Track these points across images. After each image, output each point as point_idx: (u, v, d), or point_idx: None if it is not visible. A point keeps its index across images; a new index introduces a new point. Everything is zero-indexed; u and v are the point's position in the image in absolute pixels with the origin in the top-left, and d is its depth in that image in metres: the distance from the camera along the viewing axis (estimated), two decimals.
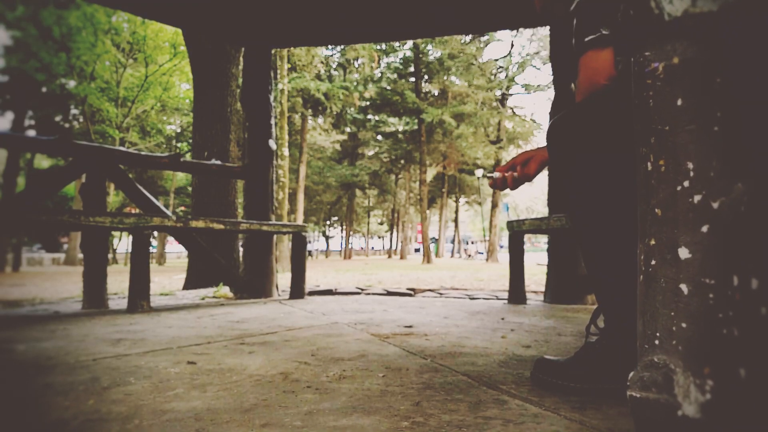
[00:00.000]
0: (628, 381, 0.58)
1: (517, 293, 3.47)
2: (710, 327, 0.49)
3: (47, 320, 2.58)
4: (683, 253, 0.52)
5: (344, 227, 42.59)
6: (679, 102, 0.53)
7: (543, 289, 4.69)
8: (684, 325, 0.51)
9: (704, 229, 0.50)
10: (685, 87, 0.53)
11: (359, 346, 1.83)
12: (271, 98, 4.38)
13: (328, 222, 46.85)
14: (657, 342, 0.53)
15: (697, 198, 0.51)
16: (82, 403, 1.11)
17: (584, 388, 1.16)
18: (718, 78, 0.51)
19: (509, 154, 28.16)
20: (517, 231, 3.41)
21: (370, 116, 28.82)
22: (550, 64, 3.66)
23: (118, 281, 8.56)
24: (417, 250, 50.87)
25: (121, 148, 3.56)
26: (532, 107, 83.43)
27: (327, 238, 50.92)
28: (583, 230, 1.21)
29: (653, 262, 0.54)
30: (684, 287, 0.52)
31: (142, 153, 3.72)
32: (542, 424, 0.98)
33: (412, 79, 26.72)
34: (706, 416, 0.49)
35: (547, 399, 1.14)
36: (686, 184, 0.52)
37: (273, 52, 4.71)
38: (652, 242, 0.55)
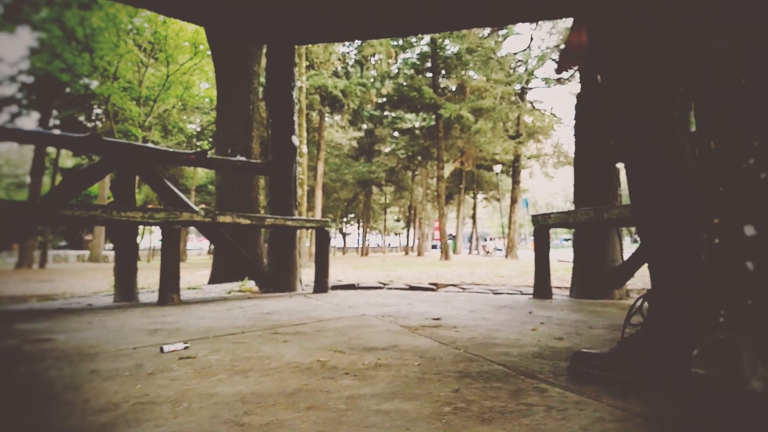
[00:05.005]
0: (692, 359, 0.59)
1: (542, 288, 3.45)
2: None
3: (82, 312, 2.65)
4: (749, 230, 0.52)
5: (361, 224, 42.68)
6: (744, 79, 0.53)
7: (566, 285, 4.66)
8: (750, 302, 0.51)
9: None
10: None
11: (390, 336, 1.85)
12: (294, 95, 4.41)
13: (344, 219, 47.00)
14: (722, 320, 0.54)
15: (763, 175, 0.51)
16: (130, 388, 1.15)
17: (629, 380, 1.16)
18: None
19: (528, 149, 27.88)
20: (543, 225, 3.39)
21: (386, 113, 28.80)
22: None
23: (143, 277, 8.71)
24: (434, 247, 50.74)
25: (149, 145, 3.62)
26: (552, 101, 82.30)
27: (344, 235, 51.08)
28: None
29: (717, 241, 0.54)
30: (750, 264, 0.52)
31: (170, 150, 3.78)
32: (585, 411, 0.99)
33: (430, 75, 26.60)
34: None
35: (587, 388, 1.15)
36: (752, 161, 0.52)
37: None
38: (716, 221, 0.55)
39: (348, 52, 24.88)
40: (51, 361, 1.44)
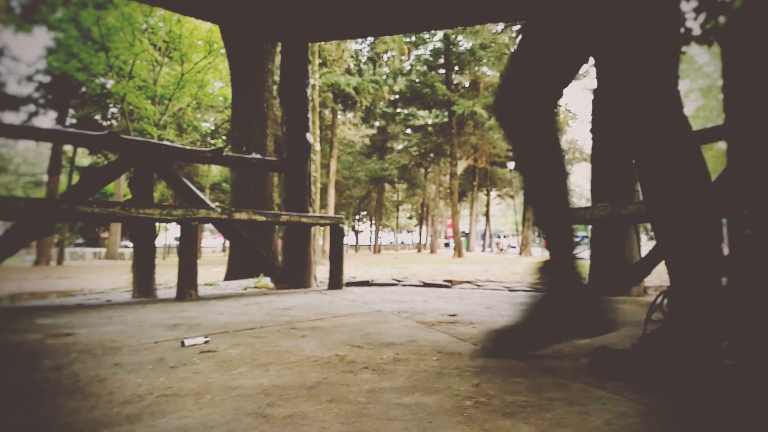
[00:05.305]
0: (722, 351, 0.58)
1: None
2: None
3: (101, 308, 2.69)
4: None
5: (373, 222, 42.72)
6: None
7: None
8: None
9: None
10: None
11: (407, 331, 1.85)
12: (308, 92, 4.43)
13: (357, 217, 47.08)
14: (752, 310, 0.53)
15: None
16: (153, 380, 1.16)
17: (652, 376, 1.14)
18: None
19: None
20: None
21: (399, 110, 28.77)
22: None
23: (158, 273, 8.81)
24: (447, 245, 50.61)
25: (166, 143, 3.66)
26: (567, 97, 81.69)
27: (356, 232, 51.19)
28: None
29: (747, 232, 0.54)
30: None
31: (187, 147, 3.82)
32: (608, 405, 0.98)
33: (443, 71, 26.51)
34: None
35: (608, 383, 1.14)
36: None
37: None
38: (745, 212, 0.54)
39: (360, 50, 24.91)
40: (75, 354, 1.47)
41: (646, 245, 3.63)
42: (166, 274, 7.45)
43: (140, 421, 0.89)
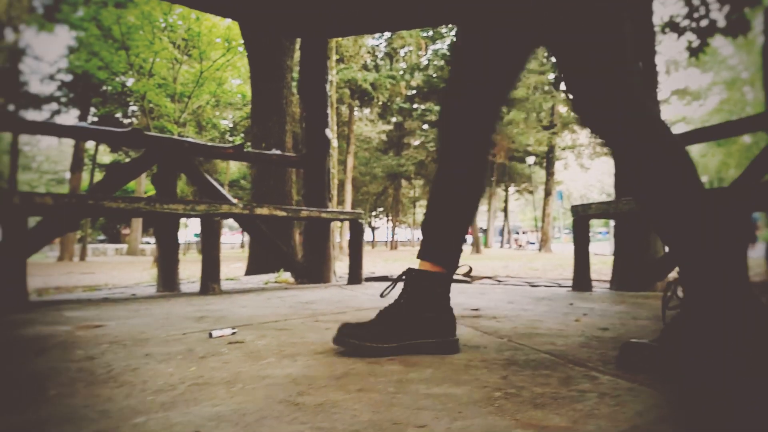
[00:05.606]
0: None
1: (581, 280, 3.38)
2: None
3: (127, 301, 2.74)
4: None
5: (390, 218, 42.71)
6: None
7: (603, 278, 4.58)
8: None
9: None
10: None
11: None
12: (327, 88, 4.44)
13: (373, 213, 47.12)
14: None
15: None
16: (184, 370, 1.18)
17: (679, 368, 1.13)
18: None
19: (563, 139, 27.33)
20: (583, 216, 3.33)
21: (416, 105, 28.67)
22: None
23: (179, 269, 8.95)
24: (464, 241, 50.28)
25: (189, 139, 3.70)
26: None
27: (373, 229, 51.23)
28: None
29: None
30: None
31: (209, 144, 3.86)
32: (640, 397, 0.97)
33: None
34: None
35: (638, 376, 1.13)
36: None
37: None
38: None
39: (377, 45, 24.87)
40: (105, 345, 1.50)
41: None
42: (187, 270, 7.55)
43: (175, 409, 0.91)
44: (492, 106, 1.43)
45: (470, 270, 1.40)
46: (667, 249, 3.37)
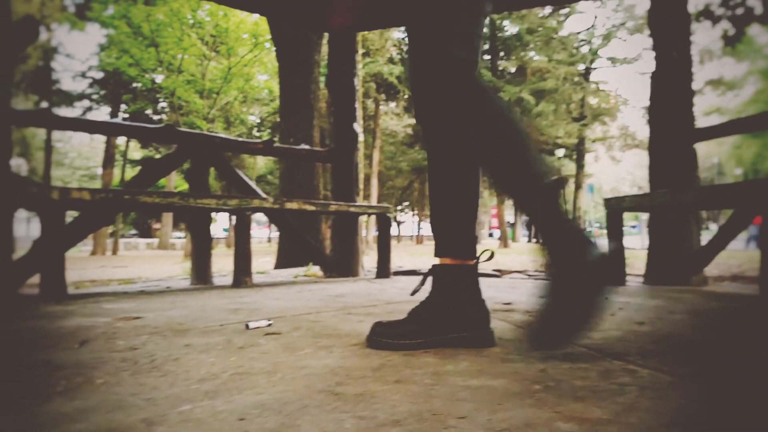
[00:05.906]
0: None
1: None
2: None
3: (163, 294, 2.81)
4: None
5: (415, 212, 42.61)
6: None
7: (635, 272, 4.48)
8: None
9: None
10: None
11: None
12: (356, 82, 4.45)
13: (399, 207, 47.05)
14: None
15: None
16: (225, 360, 1.21)
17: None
18: None
19: (594, 131, 26.77)
20: (616, 209, 3.26)
21: None
22: (648, 31, 3.45)
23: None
24: (490, 235, 49.96)
25: (221, 135, 3.76)
26: (618, 81, 78.65)
27: (398, 223, 51.23)
28: None
29: None
30: None
31: (239, 139, 3.92)
32: (681, 390, 0.96)
33: (488, 57, 26.02)
34: None
35: (679, 369, 1.11)
36: None
37: None
38: None
39: (403, 38, 24.73)
40: (146, 336, 1.54)
41: (704, 234, 3.48)
42: (217, 263, 7.69)
43: (219, 397, 0.93)
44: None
45: (492, 255, 1.39)
46: (703, 243, 3.29)
